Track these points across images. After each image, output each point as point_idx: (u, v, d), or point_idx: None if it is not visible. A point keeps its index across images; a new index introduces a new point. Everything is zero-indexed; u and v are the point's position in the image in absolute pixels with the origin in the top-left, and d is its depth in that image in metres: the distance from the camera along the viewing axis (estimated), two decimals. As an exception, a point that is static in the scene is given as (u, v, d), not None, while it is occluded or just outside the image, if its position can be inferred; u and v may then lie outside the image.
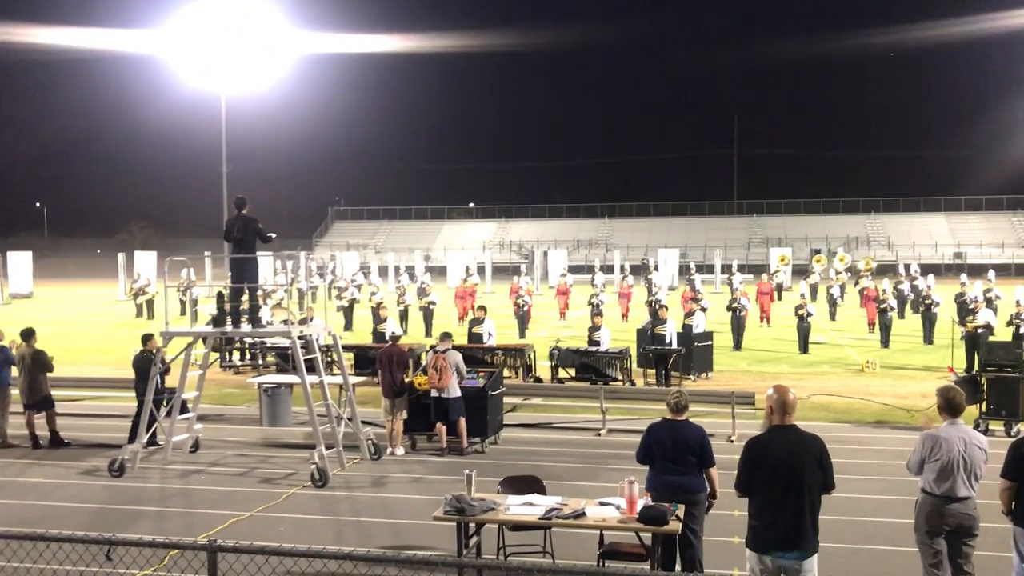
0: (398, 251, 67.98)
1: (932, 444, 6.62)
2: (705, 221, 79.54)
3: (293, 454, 12.91)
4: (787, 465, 5.97)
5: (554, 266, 52.67)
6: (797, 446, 6.06)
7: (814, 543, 6.02)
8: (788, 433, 6.11)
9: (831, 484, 6.11)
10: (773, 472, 5.98)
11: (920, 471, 6.70)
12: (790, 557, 5.93)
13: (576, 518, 7.16)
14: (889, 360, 21.75)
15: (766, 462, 6.03)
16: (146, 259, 46.50)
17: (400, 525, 9.72)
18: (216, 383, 18.80)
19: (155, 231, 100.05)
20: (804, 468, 5.97)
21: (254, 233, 12.58)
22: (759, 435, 6.29)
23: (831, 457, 6.17)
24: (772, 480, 5.98)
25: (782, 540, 5.95)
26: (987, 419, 13.59)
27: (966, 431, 6.70)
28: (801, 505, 5.94)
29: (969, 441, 6.63)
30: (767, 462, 6.03)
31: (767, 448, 6.09)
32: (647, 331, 19.14)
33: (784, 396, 6.15)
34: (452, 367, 12.55)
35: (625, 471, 7.69)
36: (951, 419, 6.74)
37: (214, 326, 12.94)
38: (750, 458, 6.12)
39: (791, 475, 5.94)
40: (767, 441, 6.14)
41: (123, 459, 11.88)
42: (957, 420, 6.74)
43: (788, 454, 6.00)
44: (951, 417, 6.74)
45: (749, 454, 6.15)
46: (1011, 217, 74.61)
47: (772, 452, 6.05)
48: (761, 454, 6.08)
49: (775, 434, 6.14)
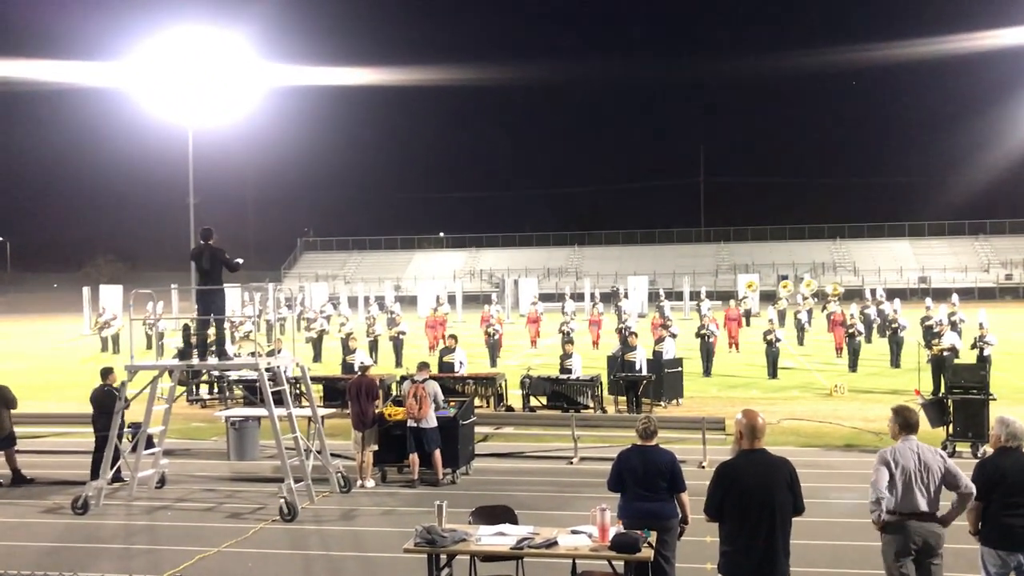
0: (368, 281, 67.71)
1: (890, 459, 6.63)
2: (674, 248, 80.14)
3: (261, 488, 12.72)
4: (758, 489, 5.96)
5: (525, 295, 52.70)
6: (767, 470, 6.06)
7: (785, 567, 6.00)
8: (758, 457, 6.11)
9: (801, 507, 6.11)
10: (744, 497, 5.96)
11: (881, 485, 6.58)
12: None
13: (548, 547, 7.11)
14: (857, 384, 21.92)
15: (737, 487, 6.01)
16: (112, 293, 45.85)
17: (370, 559, 9.61)
18: (183, 417, 18.53)
19: (121, 265, 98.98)
20: (775, 492, 5.96)
21: (220, 264, 12.45)
22: (729, 460, 6.27)
23: (800, 480, 6.18)
24: (743, 505, 5.96)
25: (755, 565, 5.93)
26: (954, 441, 13.72)
27: (918, 445, 6.75)
28: (773, 529, 5.92)
29: (921, 453, 6.67)
30: (738, 487, 6.01)
31: (737, 473, 6.07)
32: (618, 358, 19.18)
33: (753, 421, 6.15)
34: (431, 397, 12.48)
35: (597, 499, 7.66)
36: (906, 436, 6.79)
37: (180, 359, 12.77)
38: (720, 483, 6.10)
39: (763, 499, 5.93)
40: (737, 466, 6.12)
41: (86, 496, 11.64)
42: (911, 436, 6.79)
43: (759, 478, 6.00)
44: (907, 435, 6.79)
45: (719, 479, 6.12)
46: (973, 242, 75.92)
47: (742, 477, 6.03)
48: (731, 479, 6.06)
49: (745, 458, 6.12)
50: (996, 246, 74.27)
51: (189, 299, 36.88)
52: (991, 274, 70.13)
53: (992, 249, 73.99)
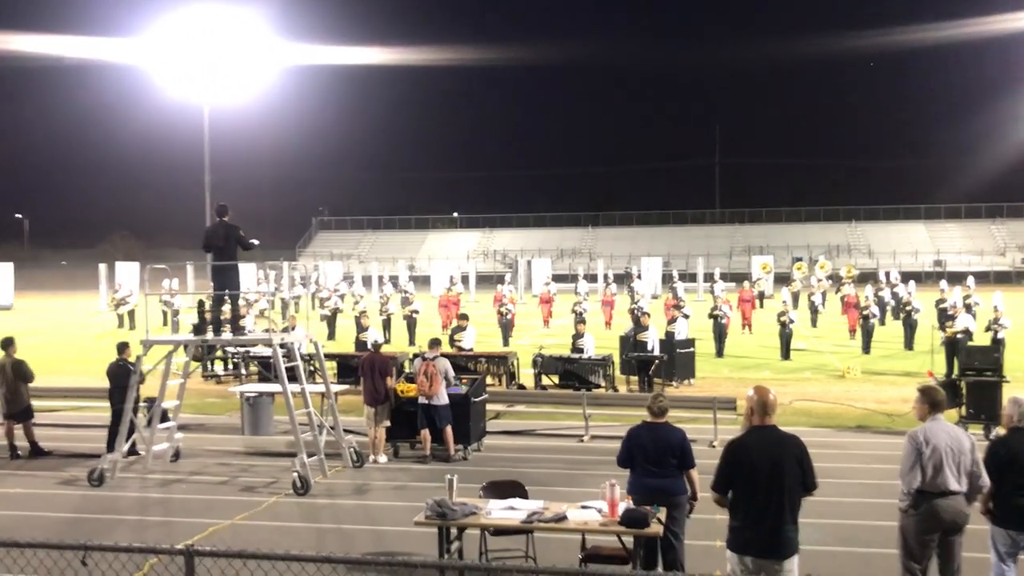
0: (382, 261, 67.86)
1: (922, 439, 6.59)
2: (687, 230, 79.89)
3: (275, 462, 12.84)
4: (767, 465, 5.95)
5: (538, 275, 52.71)
6: (777, 446, 6.05)
7: (794, 543, 6.00)
8: (768, 433, 6.11)
9: (812, 484, 6.09)
10: (753, 472, 5.96)
11: (913, 474, 6.57)
12: (770, 557, 5.92)
13: (558, 522, 7.16)
14: (870, 366, 21.88)
15: (746, 462, 6.01)
16: (128, 270, 46.19)
17: (382, 532, 9.69)
18: (198, 393, 18.69)
19: (137, 242, 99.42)
20: (784, 468, 5.96)
21: (235, 241, 12.49)
22: (739, 436, 6.28)
23: (812, 459, 6.18)
24: (752, 480, 5.96)
25: (762, 540, 5.94)
26: (966, 423, 13.67)
27: (948, 425, 6.74)
28: (781, 505, 5.92)
29: (952, 433, 6.67)
30: (747, 462, 6.01)
31: (747, 449, 6.08)
32: (630, 338, 19.19)
33: (764, 397, 6.13)
34: (441, 374, 12.54)
35: (607, 476, 7.70)
36: (933, 415, 6.77)
37: (195, 334, 12.86)
38: (729, 459, 6.10)
39: (771, 475, 5.93)
40: (747, 442, 6.13)
41: (102, 468, 11.78)
42: (938, 416, 6.77)
43: (768, 454, 5.99)
44: (935, 413, 6.77)
45: (729, 455, 6.12)
46: (989, 225, 75.32)
47: (752, 452, 6.03)
48: (741, 455, 6.06)
49: (755, 434, 6.13)
50: (1013, 229, 73.64)
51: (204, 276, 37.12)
52: (1007, 258, 69.63)
53: (1009, 233, 73.37)
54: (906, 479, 6.60)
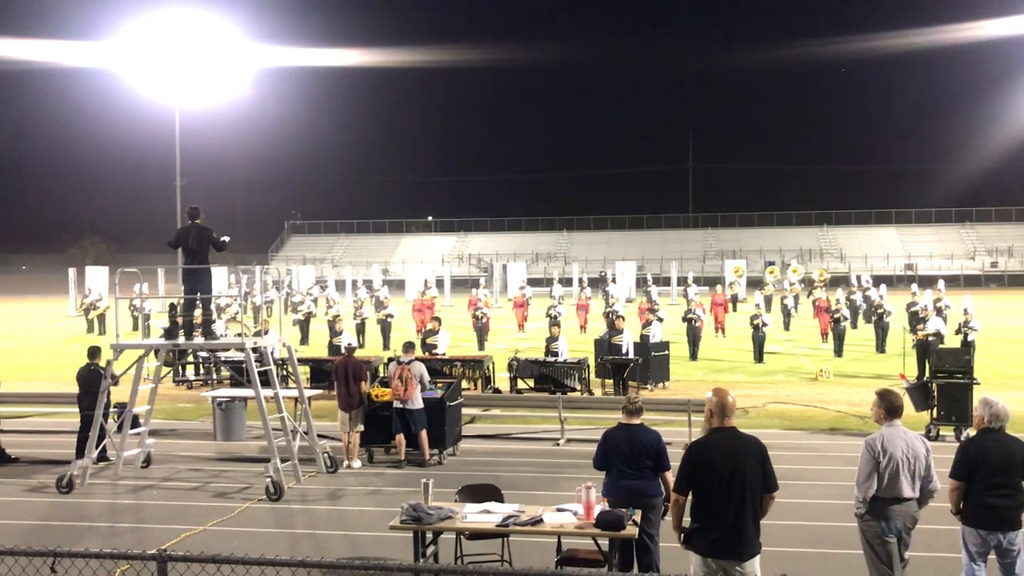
0: (356, 265, 67.62)
1: (879, 448, 6.66)
2: (661, 234, 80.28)
3: (248, 468, 12.72)
4: (728, 467, 5.96)
5: (513, 279, 52.72)
6: (737, 448, 6.06)
7: (755, 544, 6.01)
8: (728, 435, 6.12)
9: (773, 486, 6.09)
10: (714, 474, 5.97)
11: (869, 482, 6.62)
12: (731, 558, 5.93)
13: (533, 524, 7.15)
14: (842, 368, 22.06)
15: (706, 464, 6.01)
16: (97, 274, 45.67)
17: (356, 537, 9.62)
18: (169, 398, 18.51)
19: (107, 246, 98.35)
20: (745, 469, 5.96)
21: (208, 243, 12.38)
22: (700, 438, 6.31)
23: (775, 461, 6.19)
24: (713, 482, 5.97)
25: (723, 541, 5.95)
26: (938, 424, 13.83)
27: (905, 432, 6.80)
28: (742, 506, 5.93)
29: (909, 440, 6.72)
30: (708, 464, 6.01)
31: (708, 450, 6.08)
32: (604, 341, 19.22)
33: (723, 399, 6.15)
34: (416, 378, 12.48)
35: (583, 479, 7.70)
36: (891, 420, 6.83)
37: (166, 338, 12.72)
38: (691, 461, 6.09)
39: (732, 476, 5.94)
40: (707, 443, 6.14)
41: (72, 475, 11.61)
42: (896, 422, 6.83)
43: (729, 456, 6.00)
44: (891, 419, 6.83)
45: (690, 457, 6.12)
46: (960, 229, 76.31)
47: (713, 454, 6.03)
48: (702, 456, 6.06)
49: (716, 436, 6.13)
50: (982, 234, 74.68)
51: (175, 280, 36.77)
52: (977, 261, 70.55)
53: (978, 237, 74.39)
54: (862, 487, 6.67)
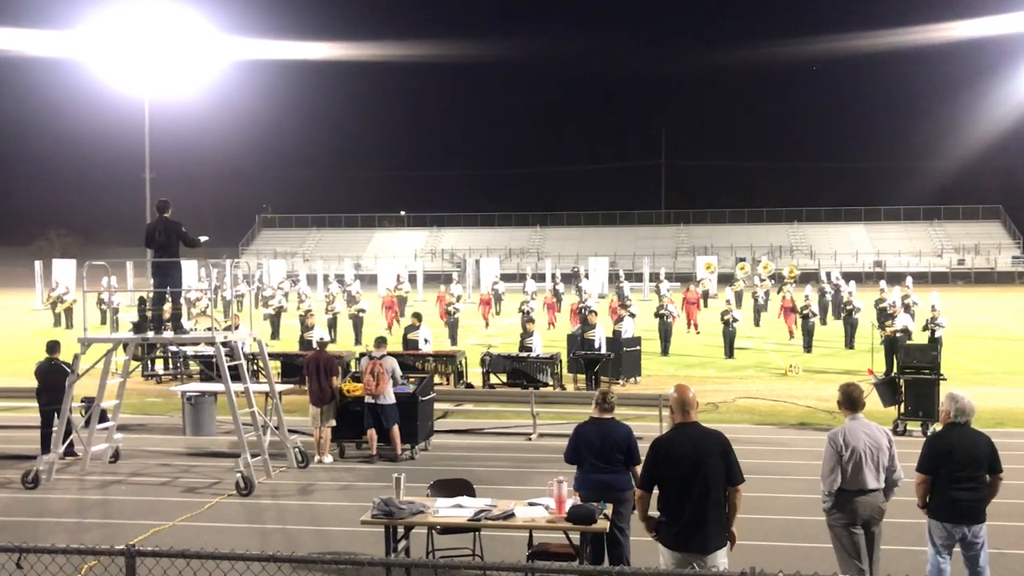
0: (327, 259, 67.29)
1: (841, 442, 6.73)
2: (634, 231, 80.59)
3: (217, 463, 12.63)
4: (690, 460, 6.06)
5: (486, 275, 52.71)
6: (700, 442, 6.16)
7: (719, 538, 6.10)
8: (690, 430, 6.23)
9: (737, 478, 6.18)
10: (677, 468, 6.07)
11: (833, 475, 6.69)
12: (695, 551, 6.03)
13: (505, 519, 7.16)
14: (812, 364, 22.28)
15: (668, 459, 6.11)
16: (65, 267, 45.07)
17: (327, 532, 9.59)
18: (138, 392, 18.32)
19: (74, 239, 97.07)
20: (707, 463, 6.06)
21: (177, 237, 12.25)
22: (663, 434, 6.43)
23: (745, 456, 6.32)
24: (676, 476, 6.07)
25: (687, 534, 6.05)
26: (905, 420, 14.00)
27: (867, 424, 6.88)
28: (705, 500, 6.02)
29: (870, 432, 6.81)
30: (669, 459, 6.11)
31: (670, 445, 6.18)
32: (577, 337, 19.28)
33: (684, 395, 6.29)
34: (388, 373, 12.44)
35: (555, 474, 7.72)
36: (852, 414, 6.91)
37: (135, 332, 12.58)
38: (654, 455, 6.19)
39: (694, 470, 6.03)
40: (670, 439, 6.25)
41: (38, 470, 11.47)
42: (858, 415, 6.91)
43: (689, 449, 6.10)
44: (852, 412, 6.91)
45: (653, 452, 6.22)
46: (927, 227, 77.28)
47: (675, 448, 6.13)
48: (665, 451, 6.16)
49: (678, 431, 6.25)
50: (949, 232, 75.68)
51: (144, 274, 36.34)
52: (944, 259, 71.46)
53: (946, 235, 75.37)
54: (827, 480, 6.76)
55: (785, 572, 4.31)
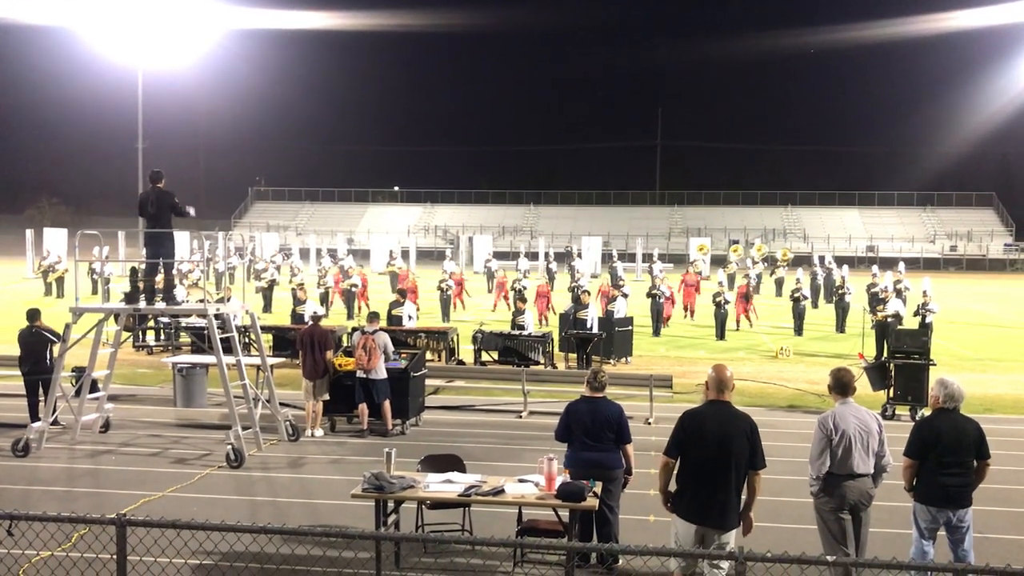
0: (320, 233, 67.12)
1: (831, 426, 6.76)
2: (628, 210, 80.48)
3: (208, 435, 12.65)
4: (716, 437, 6.22)
5: (479, 252, 52.64)
6: (728, 420, 6.32)
7: (736, 516, 6.26)
8: (721, 408, 6.39)
9: (759, 463, 6.33)
10: (702, 442, 6.24)
11: (822, 459, 6.73)
12: (713, 527, 6.18)
13: (495, 495, 7.19)
14: (802, 347, 22.34)
15: (697, 432, 6.28)
16: (56, 236, 44.86)
17: (317, 505, 9.62)
18: (129, 363, 18.30)
19: (66, 208, 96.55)
20: (732, 442, 6.22)
21: (169, 208, 12.16)
22: (695, 407, 6.55)
23: None
24: (702, 451, 6.24)
25: (706, 509, 6.21)
26: (894, 404, 14.08)
27: (857, 408, 6.91)
28: (727, 478, 6.19)
29: (861, 417, 6.84)
30: (698, 432, 6.28)
31: (700, 419, 6.35)
32: (569, 316, 19.29)
33: (721, 374, 6.44)
34: (380, 348, 12.44)
35: (545, 451, 7.75)
36: (842, 398, 6.94)
37: (127, 303, 12.54)
38: (683, 427, 6.37)
39: (719, 446, 6.20)
40: (701, 413, 6.41)
41: (28, 439, 11.46)
42: (848, 399, 6.94)
43: (719, 426, 6.26)
44: (842, 396, 6.94)
45: (682, 423, 6.39)
46: (921, 213, 77.39)
47: (704, 423, 6.31)
48: (695, 423, 6.33)
49: (709, 408, 6.41)
50: (943, 218, 75.81)
51: (136, 244, 36.20)
52: (937, 245, 71.61)
53: (939, 221, 75.50)
54: (815, 464, 6.81)
55: (772, 553, 4.34)
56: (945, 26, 69.07)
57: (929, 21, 70.63)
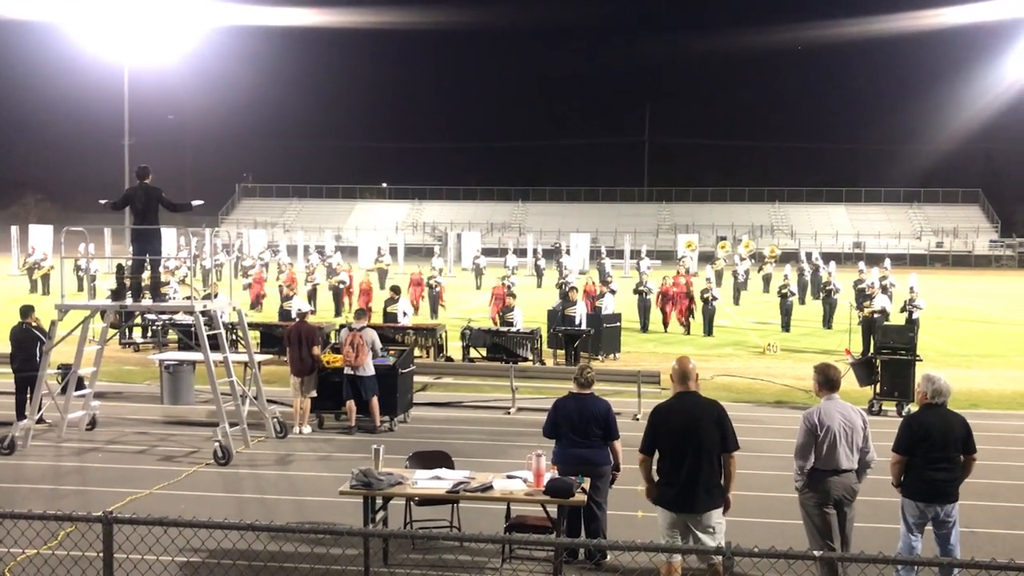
0: (308, 230, 66.92)
1: (816, 421, 6.79)
2: (616, 207, 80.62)
3: (195, 432, 12.60)
4: (684, 427, 6.44)
5: (468, 249, 52.62)
6: (695, 410, 6.53)
7: (712, 498, 6.42)
8: (688, 399, 6.60)
9: (732, 446, 6.50)
10: (672, 434, 6.47)
11: (807, 455, 6.77)
12: (687, 511, 6.39)
13: (483, 491, 7.19)
14: (789, 343, 22.43)
15: (666, 425, 6.52)
16: (41, 233, 44.60)
17: (305, 502, 9.60)
18: (116, 360, 18.22)
19: (51, 205, 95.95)
20: (700, 429, 6.42)
21: (157, 203, 12.10)
22: (663, 401, 6.75)
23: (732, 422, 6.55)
24: (672, 441, 6.47)
25: (680, 495, 6.41)
26: (880, 400, 14.15)
27: (842, 405, 6.94)
28: (698, 463, 6.38)
29: (846, 413, 6.87)
30: (667, 425, 6.51)
31: (668, 412, 6.58)
32: (557, 312, 19.30)
33: (684, 366, 6.66)
34: (368, 345, 12.42)
35: (534, 448, 7.76)
36: (829, 394, 6.97)
37: (113, 300, 12.47)
38: (653, 421, 6.61)
39: (687, 436, 6.41)
40: (669, 406, 6.63)
41: (13, 436, 11.40)
42: (834, 395, 6.97)
43: (686, 417, 6.48)
44: (829, 392, 6.97)
45: (652, 417, 6.64)
46: (907, 210, 77.80)
47: (672, 415, 6.54)
48: (663, 417, 6.57)
49: (676, 400, 6.63)
50: (929, 215, 76.25)
51: (122, 241, 36.03)
52: (923, 241, 72.03)
53: (925, 217, 75.94)
54: (800, 459, 6.85)
55: (759, 548, 4.36)
56: (931, 22, 69.49)
57: (915, 17, 71.05)
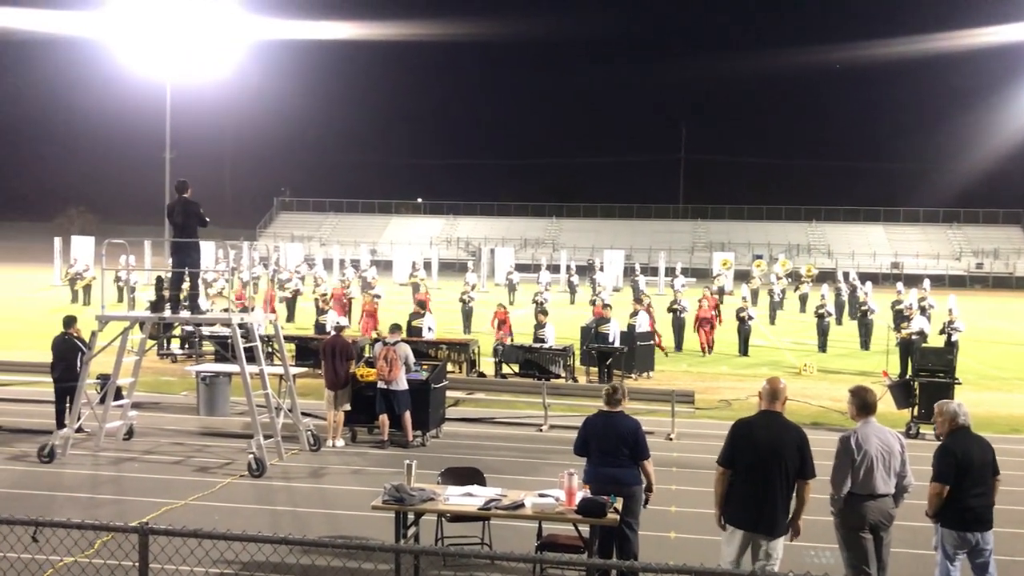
0: (344, 244, 67.40)
1: (853, 445, 6.68)
2: (651, 224, 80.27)
3: (230, 443, 12.71)
4: (767, 446, 6.39)
5: (501, 264, 52.68)
6: (779, 430, 6.48)
7: (783, 524, 6.39)
8: (772, 418, 6.55)
9: (809, 473, 6.46)
10: (753, 451, 6.41)
11: (844, 479, 6.66)
12: (760, 532, 6.33)
13: (515, 509, 7.17)
14: (826, 364, 22.18)
15: (748, 441, 6.47)
16: (83, 244, 45.37)
17: (338, 516, 9.64)
18: (153, 371, 18.45)
19: (94, 216, 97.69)
20: (782, 451, 6.37)
21: (196, 217, 12.31)
22: (747, 416, 6.72)
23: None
24: (751, 457, 6.41)
25: (755, 515, 6.35)
26: (919, 423, 13.92)
27: (879, 428, 6.84)
28: (776, 486, 6.33)
29: (883, 437, 6.77)
30: (749, 441, 6.46)
31: (751, 429, 6.53)
32: (591, 329, 19.26)
33: (774, 385, 6.66)
34: (401, 359, 12.47)
35: (565, 466, 7.73)
36: (865, 418, 6.87)
37: (152, 311, 12.65)
38: (734, 436, 6.55)
39: (769, 456, 6.36)
40: (752, 422, 6.59)
41: (53, 445, 11.58)
42: (871, 418, 6.87)
43: (769, 436, 6.43)
44: (866, 416, 6.87)
45: (733, 432, 6.58)
46: (947, 230, 76.67)
47: (756, 432, 6.49)
48: (746, 432, 6.52)
49: (761, 417, 6.58)
50: (969, 235, 75.06)
51: (162, 253, 36.54)
52: (962, 262, 70.92)
53: (965, 238, 74.77)
54: (837, 483, 6.76)
55: (795, 573, 4.31)
56: (971, 42, 68.71)
57: (956, 37, 70.33)
